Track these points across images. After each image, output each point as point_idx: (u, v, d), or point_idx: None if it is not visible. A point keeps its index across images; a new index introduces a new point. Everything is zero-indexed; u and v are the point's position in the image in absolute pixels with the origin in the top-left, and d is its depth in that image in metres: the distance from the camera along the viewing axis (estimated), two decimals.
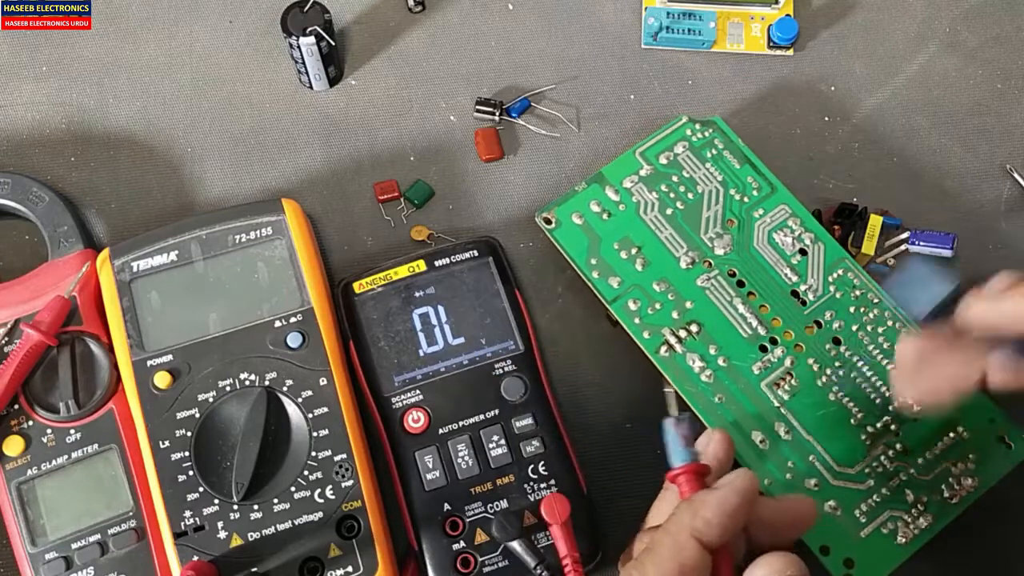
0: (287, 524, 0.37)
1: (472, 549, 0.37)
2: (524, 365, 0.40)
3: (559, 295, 0.44)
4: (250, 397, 0.38)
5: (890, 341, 0.40)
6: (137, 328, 0.39)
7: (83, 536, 0.37)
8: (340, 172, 0.46)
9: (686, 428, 0.34)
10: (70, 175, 0.45)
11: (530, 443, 0.39)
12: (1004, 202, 0.46)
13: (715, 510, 0.31)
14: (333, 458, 0.38)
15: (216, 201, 0.45)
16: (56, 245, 0.42)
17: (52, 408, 0.38)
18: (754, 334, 0.40)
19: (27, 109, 0.46)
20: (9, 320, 0.39)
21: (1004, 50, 0.48)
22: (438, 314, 0.41)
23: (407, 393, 0.39)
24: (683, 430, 0.34)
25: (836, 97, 0.47)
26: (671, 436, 0.34)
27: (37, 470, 0.38)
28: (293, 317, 0.39)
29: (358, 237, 0.45)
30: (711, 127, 0.44)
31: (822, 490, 0.38)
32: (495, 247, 0.43)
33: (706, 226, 0.42)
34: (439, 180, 0.46)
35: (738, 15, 0.48)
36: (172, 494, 0.37)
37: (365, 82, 0.47)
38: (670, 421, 0.34)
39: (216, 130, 0.46)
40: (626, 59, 0.48)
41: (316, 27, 0.43)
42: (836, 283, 0.41)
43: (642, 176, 0.43)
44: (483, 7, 0.49)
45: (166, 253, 0.40)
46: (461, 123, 0.47)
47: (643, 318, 0.40)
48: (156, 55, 0.47)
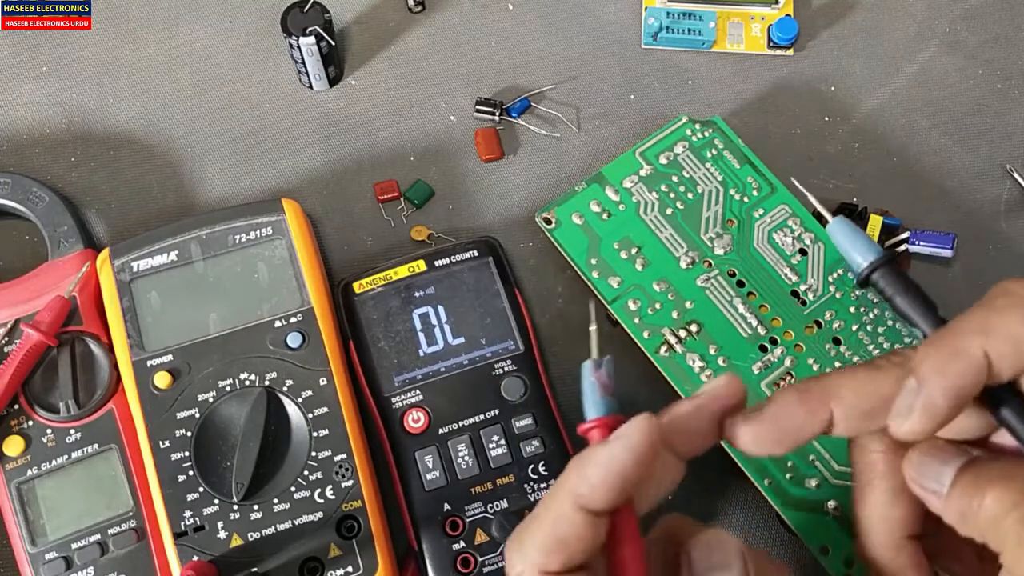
0: (287, 524, 0.37)
1: (472, 549, 0.37)
2: (524, 365, 0.40)
3: (559, 295, 0.44)
4: (250, 397, 0.38)
5: (890, 341, 0.40)
6: (137, 328, 0.39)
7: (83, 536, 0.37)
8: (340, 172, 0.46)
9: (605, 375, 0.28)
10: (70, 175, 0.45)
11: (530, 443, 0.39)
12: (1004, 202, 0.46)
13: (600, 470, 0.25)
14: (333, 458, 0.38)
15: (216, 201, 0.45)
16: (56, 245, 0.42)
17: (52, 408, 0.38)
18: (754, 334, 0.40)
19: (27, 109, 0.46)
20: (9, 320, 0.39)
21: (1004, 50, 0.48)
22: (438, 314, 0.41)
23: (407, 393, 0.39)
24: (602, 377, 0.28)
25: (836, 97, 0.47)
26: (588, 383, 0.28)
27: (37, 470, 0.38)
28: (293, 317, 0.39)
29: (358, 237, 0.45)
30: (711, 127, 0.44)
31: (822, 490, 0.38)
32: (495, 247, 0.43)
33: (706, 226, 0.42)
34: (439, 180, 0.46)
35: (738, 15, 0.48)
36: (172, 494, 0.37)
37: (365, 82, 0.47)
38: (588, 364, 0.28)
39: (216, 130, 0.46)
40: (626, 59, 0.48)
41: (316, 27, 0.43)
42: (836, 283, 0.41)
43: (642, 176, 0.43)
44: (483, 7, 0.49)
45: (166, 253, 0.40)
46: (461, 123, 0.47)
47: (643, 318, 0.40)
48: (156, 55, 0.47)
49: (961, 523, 0.27)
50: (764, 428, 0.28)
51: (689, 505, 0.41)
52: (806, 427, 0.28)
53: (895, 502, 0.29)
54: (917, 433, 0.27)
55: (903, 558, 0.29)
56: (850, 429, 0.28)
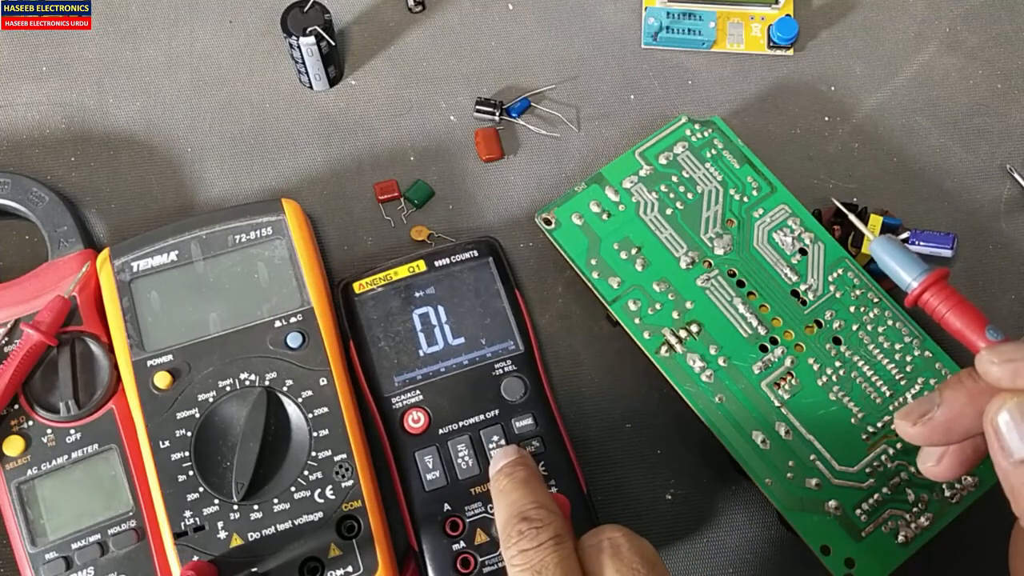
0: (287, 524, 0.37)
1: (472, 549, 0.37)
2: (524, 365, 0.40)
3: (559, 295, 0.44)
4: (250, 397, 0.37)
5: (890, 341, 0.40)
6: (137, 328, 0.39)
7: (83, 536, 0.37)
8: (340, 172, 0.46)
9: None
10: (70, 175, 0.45)
11: (530, 443, 0.39)
12: (1004, 202, 0.46)
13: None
14: (333, 458, 0.38)
15: (216, 201, 0.45)
16: (56, 245, 0.42)
17: (52, 408, 0.38)
18: (754, 334, 0.40)
19: (27, 109, 0.46)
20: (9, 320, 0.39)
21: (1004, 50, 0.49)
22: (438, 314, 0.41)
23: (407, 393, 0.39)
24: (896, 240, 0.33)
25: (836, 97, 0.47)
26: (893, 246, 0.34)
27: (37, 470, 0.38)
28: (293, 317, 0.39)
29: (358, 237, 0.45)
30: (711, 127, 0.44)
31: (823, 490, 0.38)
32: (495, 247, 0.43)
33: (706, 226, 0.42)
34: (439, 180, 0.46)
35: (738, 15, 0.48)
36: (172, 494, 0.37)
37: (365, 82, 0.47)
38: (883, 237, 0.33)
39: (216, 130, 0.46)
40: (626, 59, 0.48)
41: (316, 27, 0.43)
42: (836, 283, 0.41)
43: (642, 176, 0.43)
44: (483, 7, 0.49)
45: (166, 253, 0.40)
46: (461, 123, 0.47)
47: (643, 318, 0.40)
48: (156, 55, 0.47)
49: (1016, 500, 0.28)
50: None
51: (690, 505, 0.41)
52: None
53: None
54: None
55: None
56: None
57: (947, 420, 0.29)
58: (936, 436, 0.29)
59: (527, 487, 0.34)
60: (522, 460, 0.36)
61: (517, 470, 0.35)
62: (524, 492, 0.34)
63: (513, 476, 0.35)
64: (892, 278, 0.37)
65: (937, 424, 0.29)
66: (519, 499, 0.33)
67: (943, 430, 0.29)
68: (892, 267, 0.37)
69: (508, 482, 0.34)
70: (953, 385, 0.29)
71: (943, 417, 0.29)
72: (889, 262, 0.37)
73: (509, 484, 0.34)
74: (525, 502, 0.33)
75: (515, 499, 0.33)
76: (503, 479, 0.35)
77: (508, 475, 0.35)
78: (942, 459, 0.31)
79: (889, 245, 0.37)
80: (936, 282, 0.35)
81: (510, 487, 0.34)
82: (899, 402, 0.39)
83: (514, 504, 0.33)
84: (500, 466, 0.36)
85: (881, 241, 0.37)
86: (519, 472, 0.35)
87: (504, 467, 0.35)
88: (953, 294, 0.35)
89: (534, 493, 0.34)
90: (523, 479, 0.34)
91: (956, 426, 0.29)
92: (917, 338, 0.40)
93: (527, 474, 0.35)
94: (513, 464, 0.35)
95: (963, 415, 0.29)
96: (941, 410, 0.29)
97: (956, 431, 0.29)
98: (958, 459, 0.30)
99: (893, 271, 0.37)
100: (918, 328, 0.40)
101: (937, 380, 0.39)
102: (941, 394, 0.29)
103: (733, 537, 0.41)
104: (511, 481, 0.34)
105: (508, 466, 0.35)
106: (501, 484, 0.35)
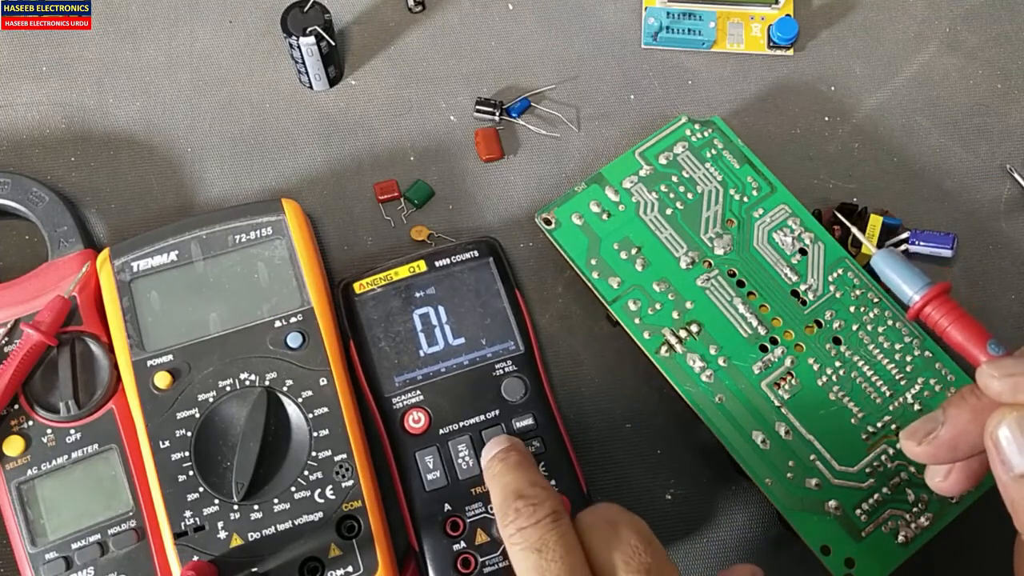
0: (287, 524, 0.37)
1: (472, 549, 0.37)
2: (524, 365, 0.40)
3: (559, 295, 0.44)
4: (250, 397, 0.37)
5: (890, 341, 0.40)
6: (137, 328, 0.39)
7: (83, 536, 0.37)
8: (340, 172, 0.46)
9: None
10: (70, 175, 0.45)
11: (530, 443, 0.39)
12: (1004, 202, 0.46)
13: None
14: (333, 458, 0.38)
15: (216, 201, 0.45)
16: (56, 245, 0.42)
17: (52, 408, 0.38)
18: (754, 334, 0.40)
19: (27, 109, 0.46)
20: (9, 320, 0.39)
21: (1004, 50, 0.49)
22: (438, 314, 0.41)
23: (407, 393, 0.39)
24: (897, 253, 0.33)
25: (836, 97, 0.47)
26: (894, 260, 0.35)
27: (37, 470, 0.38)
28: (293, 317, 0.39)
29: (358, 237, 0.45)
30: (710, 127, 0.44)
31: (823, 490, 0.38)
32: (495, 247, 0.43)
33: (706, 226, 0.42)
34: (439, 180, 0.46)
35: (738, 15, 0.48)
36: (172, 494, 0.37)
37: (365, 82, 0.47)
38: (883, 252, 0.33)
39: (216, 130, 0.46)
40: (626, 59, 0.48)
41: (316, 27, 0.43)
42: (836, 283, 0.41)
43: (642, 176, 0.43)
44: (483, 7, 0.49)
45: (166, 253, 0.40)
46: (461, 123, 0.47)
47: (643, 318, 0.40)
48: (156, 55, 0.47)
49: (1017, 514, 0.28)
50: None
51: (690, 505, 0.41)
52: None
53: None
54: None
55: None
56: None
57: (952, 438, 0.29)
58: (942, 454, 0.29)
59: (520, 469, 0.34)
60: (514, 446, 0.36)
61: (510, 455, 0.35)
62: (518, 474, 0.34)
63: (506, 460, 0.35)
64: (894, 291, 0.37)
65: (942, 442, 0.29)
66: (513, 480, 0.33)
67: (948, 448, 0.29)
68: (894, 281, 0.37)
69: (502, 466, 0.35)
70: (956, 403, 0.29)
71: (948, 435, 0.29)
72: (891, 276, 0.37)
73: (503, 468, 0.35)
74: (520, 483, 0.33)
75: (509, 480, 0.34)
76: (496, 464, 0.35)
77: (501, 460, 0.35)
78: (949, 475, 0.31)
79: (891, 259, 0.37)
80: (937, 296, 0.35)
81: (504, 470, 0.34)
82: (899, 402, 0.39)
83: (508, 485, 0.33)
84: (493, 453, 0.36)
85: (883, 255, 0.37)
86: (512, 456, 0.35)
87: (497, 453, 0.36)
88: (955, 308, 0.35)
89: (528, 474, 0.34)
90: (516, 462, 0.35)
91: (961, 443, 0.29)
92: (917, 338, 0.40)
93: (520, 458, 0.35)
94: (506, 450, 0.36)
95: (968, 432, 0.29)
96: (945, 428, 0.29)
97: (961, 448, 0.29)
98: (965, 474, 0.30)
99: (895, 285, 0.37)
100: (918, 328, 0.40)
101: (937, 380, 0.40)
102: (945, 412, 0.29)
103: (733, 537, 0.41)
104: (504, 465, 0.35)
105: (501, 452, 0.36)
106: (495, 469, 0.35)
